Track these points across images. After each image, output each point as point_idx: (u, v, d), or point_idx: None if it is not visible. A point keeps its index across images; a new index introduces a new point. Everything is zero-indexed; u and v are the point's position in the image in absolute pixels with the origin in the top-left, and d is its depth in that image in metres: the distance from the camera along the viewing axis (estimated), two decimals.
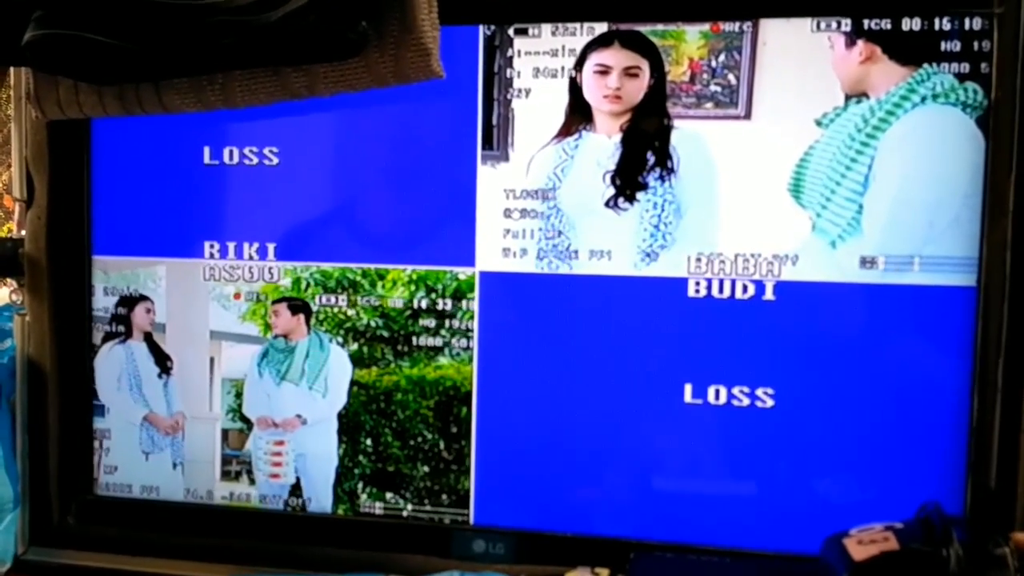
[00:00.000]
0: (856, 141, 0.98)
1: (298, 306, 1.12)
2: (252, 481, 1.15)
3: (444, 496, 1.10)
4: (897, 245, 0.98)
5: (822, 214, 1.00)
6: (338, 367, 1.11)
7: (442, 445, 1.09)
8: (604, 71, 1.03)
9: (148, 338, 1.16)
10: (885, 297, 0.99)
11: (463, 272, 1.08)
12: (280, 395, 1.13)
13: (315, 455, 1.13)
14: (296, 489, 1.13)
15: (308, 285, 1.12)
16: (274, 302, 1.12)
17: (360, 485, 1.12)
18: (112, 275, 1.16)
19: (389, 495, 1.11)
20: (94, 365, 1.17)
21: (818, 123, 0.99)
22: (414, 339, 1.09)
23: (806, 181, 1.00)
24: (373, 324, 1.10)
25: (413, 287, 1.09)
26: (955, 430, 0.99)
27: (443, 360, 1.09)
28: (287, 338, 1.12)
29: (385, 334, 1.10)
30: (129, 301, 1.16)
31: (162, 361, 1.16)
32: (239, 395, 1.15)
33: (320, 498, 1.13)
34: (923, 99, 0.97)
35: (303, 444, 1.13)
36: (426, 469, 1.10)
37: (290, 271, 1.12)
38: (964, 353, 0.98)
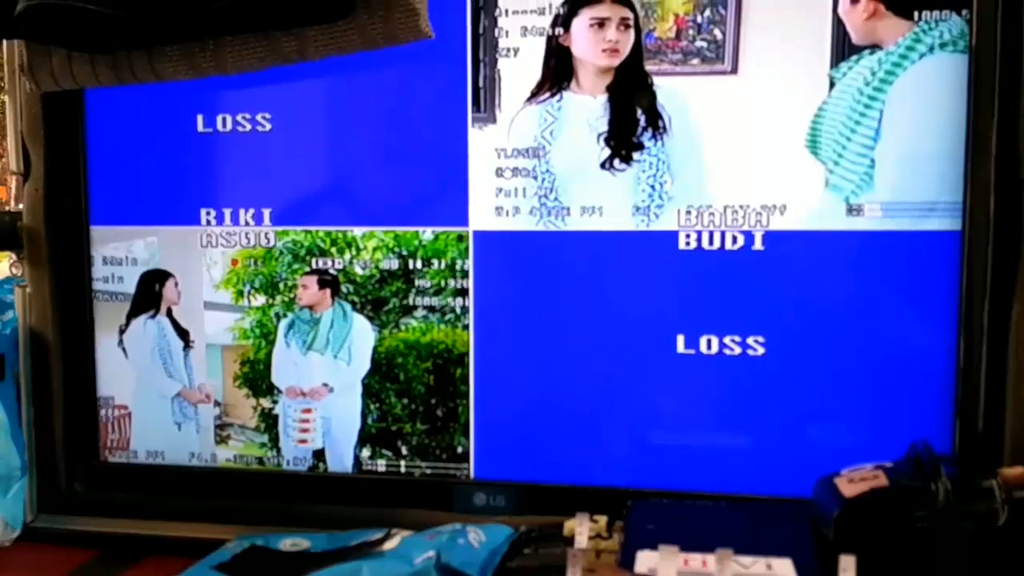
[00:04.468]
0: (864, 95, 0.99)
1: (327, 280, 1.13)
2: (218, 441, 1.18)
3: (444, 453, 1.12)
4: (897, 194, 0.99)
5: (835, 170, 1.00)
6: (361, 335, 1.13)
7: (442, 404, 1.11)
8: (601, 23, 1.03)
9: (169, 312, 1.18)
10: (872, 243, 1.00)
11: (435, 231, 1.10)
12: (307, 364, 1.15)
13: (340, 419, 1.15)
14: (320, 453, 1.16)
15: (281, 253, 1.13)
16: (303, 275, 1.14)
17: (370, 445, 1.14)
18: (112, 244, 1.17)
19: (392, 454, 1.13)
20: (123, 339, 1.19)
21: (831, 80, 0.99)
22: (410, 300, 1.11)
23: (822, 134, 1.00)
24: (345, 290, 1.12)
25: (382, 252, 1.11)
26: (943, 373, 1.00)
27: (438, 320, 1.11)
28: (312, 310, 1.14)
29: (363, 298, 1.12)
30: (161, 276, 1.17)
31: (184, 334, 1.18)
32: (244, 363, 1.16)
33: (343, 460, 1.15)
34: (930, 48, 0.97)
35: (329, 410, 1.15)
36: (427, 427, 1.12)
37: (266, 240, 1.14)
38: (951, 297, 1.00)
